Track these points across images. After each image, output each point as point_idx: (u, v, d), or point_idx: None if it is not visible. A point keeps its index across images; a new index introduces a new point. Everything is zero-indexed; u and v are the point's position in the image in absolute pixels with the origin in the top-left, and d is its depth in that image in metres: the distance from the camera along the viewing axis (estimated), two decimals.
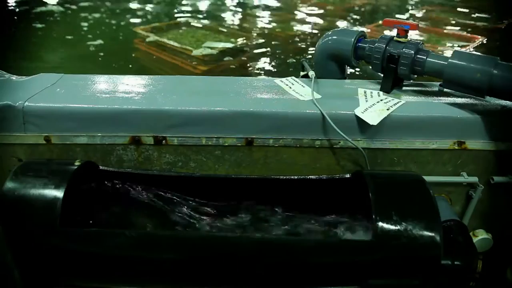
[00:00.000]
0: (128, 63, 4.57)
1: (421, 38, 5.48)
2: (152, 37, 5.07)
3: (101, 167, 1.11)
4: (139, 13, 6.69)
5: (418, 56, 1.30)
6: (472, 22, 6.47)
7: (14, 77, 1.42)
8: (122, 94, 1.31)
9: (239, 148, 1.29)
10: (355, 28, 6.01)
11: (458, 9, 7.38)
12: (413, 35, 4.88)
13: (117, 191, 1.11)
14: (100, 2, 7.17)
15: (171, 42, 4.91)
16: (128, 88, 1.35)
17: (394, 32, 1.36)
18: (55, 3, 6.92)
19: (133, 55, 4.78)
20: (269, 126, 1.26)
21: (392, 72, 1.35)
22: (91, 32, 5.53)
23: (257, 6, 7.24)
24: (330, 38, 1.48)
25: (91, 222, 1.06)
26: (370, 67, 1.40)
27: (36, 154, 1.28)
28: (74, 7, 6.82)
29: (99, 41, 5.14)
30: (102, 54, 4.77)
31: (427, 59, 1.29)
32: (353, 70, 1.58)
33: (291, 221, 1.08)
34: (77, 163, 1.04)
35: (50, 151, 1.28)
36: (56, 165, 1.05)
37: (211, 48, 4.83)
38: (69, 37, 5.32)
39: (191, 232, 1.05)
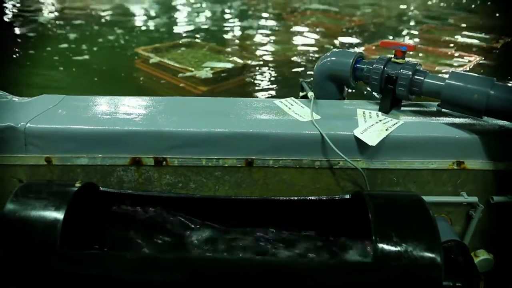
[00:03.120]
0: (129, 84, 4.61)
1: (418, 58, 5.53)
2: (154, 58, 5.12)
3: (101, 188, 1.11)
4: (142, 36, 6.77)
5: (415, 77, 1.32)
6: (469, 41, 6.54)
7: (16, 98, 1.44)
8: (123, 115, 1.32)
9: (239, 169, 1.29)
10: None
11: (455, 28, 7.48)
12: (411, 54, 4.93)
13: (118, 213, 1.11)
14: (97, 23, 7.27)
15: (171, 63, 4.95)
16: (129, 109, 1.36)
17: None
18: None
19: (139, 77, 4.82)
20: (269, 147, 1.26)
21: (390, 93, 1.36)
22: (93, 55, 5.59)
23: (256, 27, 7.33)
24: (328, 59, 1.50)
25: (91, 244, 1.05)
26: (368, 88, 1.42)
27: (37, 175, 1.28)
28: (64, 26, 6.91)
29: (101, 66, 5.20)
30: (102, 75, 4.81)
31: (425, 80, 1.31)
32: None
33: (291, 242, 1.08)
34: (77, 185, 1.04)
35: (50, 172, 1.28)
36: (57, 186, 1.05)
37: (211, 68, 4.87)
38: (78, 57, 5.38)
39: (192, 254, 1.05)
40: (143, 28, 7.11)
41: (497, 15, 8.73)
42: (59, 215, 0.94)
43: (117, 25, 7.01)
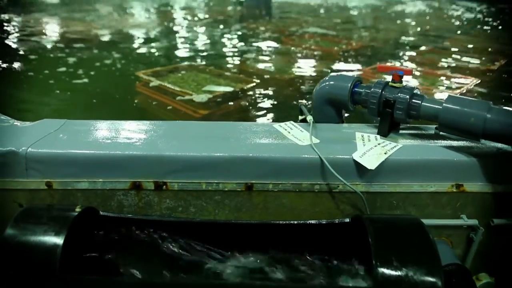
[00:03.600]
0: (129, 107, 4.65)
1: (416, 80, 5.59)
2: (155, 82, 5.18)
3: (101, 213, 1.11)
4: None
5: (413, 100, 1.33)
6: (465, 64, 6.63)
7: (18, 123, 1.45)
8: (123, 139, 1.33)
9: (239, 193, 1.30)
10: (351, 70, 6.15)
11: (452, 50, 7.58)
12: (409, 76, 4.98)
13: (118, 237, 1.11)
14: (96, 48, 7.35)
15: (172, 86, 5.00)
16: (129, 134, 1.37)
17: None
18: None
19: (135, 101, 4.86)
20: (269, 171, 1.27)
21: (388, 116, 1.37)
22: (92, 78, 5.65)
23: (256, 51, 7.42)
24: (327, 83, 1.52)
25: (91, 269, 1.05)
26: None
27: (37, 200, 1.28)
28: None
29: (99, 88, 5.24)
30: (102, 99, 4.85)
31: (422, 103, 1.32)
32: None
33: (290, 266, 1.08)
34: (77, 209, 1.04)
35: (51, 196, 1.29)
36: (57, 211, 1.05)
37: (211, 91, 4.92)
38: (78, 81, 5.43)
39: (191, 279, 1.04)
40: (143, 51, 7.20)
41: (493, 38, 8.86)
42: (58, 240, 0.94)
43: (117, 49, 7.11)
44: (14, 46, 7.18)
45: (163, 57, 6.97)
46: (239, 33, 9.18)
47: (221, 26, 9.75)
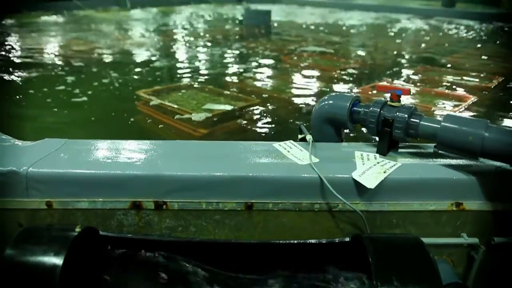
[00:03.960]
0: (130, 126, 4.66)
1: (414, 98, 5.63)
2: (155, 101, 5.20)
3: (101, 233, 1.11)
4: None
5: (411, 119, 1.35)
6: (463, 81, 6.67)
7: (19, 142, 1.46)
8: (123, 159, 1.34)
9: (238, 212, 1.30)
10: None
11: (449, 68, 7.65)
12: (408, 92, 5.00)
13: (117, 257, 1.11)
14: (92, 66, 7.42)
15: (172, 105, 5.02)
16: (130, 153, 1.38)
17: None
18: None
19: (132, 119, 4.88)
20: (268, 191, 1.27)
21: (387, 135, 1.39)
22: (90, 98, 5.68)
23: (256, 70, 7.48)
24: (326, 102, 1.53)
25: None
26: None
27: (37, 219, 1.28)
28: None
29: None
30: (103, 118, 4.87)
31: (420, 122, 1.33)
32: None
33: (290, 286, 1.07)
34: (77, 229, 1.04)
35: (51, 216, 1.29)
36: (56, 231, 1.06)
37: (211, 110, 4.93)
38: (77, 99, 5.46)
39: None
40: (143, 71, 7.24)
41: (491, 55, 8.95)
42: (58, 261, 0.94)
43: (117, 68, 7.16)
44: (14, 66, 7.23)
45: (163, 76, 7.01)
46: (239, 52, 9.26)
47: (221, 45, 9.83)
